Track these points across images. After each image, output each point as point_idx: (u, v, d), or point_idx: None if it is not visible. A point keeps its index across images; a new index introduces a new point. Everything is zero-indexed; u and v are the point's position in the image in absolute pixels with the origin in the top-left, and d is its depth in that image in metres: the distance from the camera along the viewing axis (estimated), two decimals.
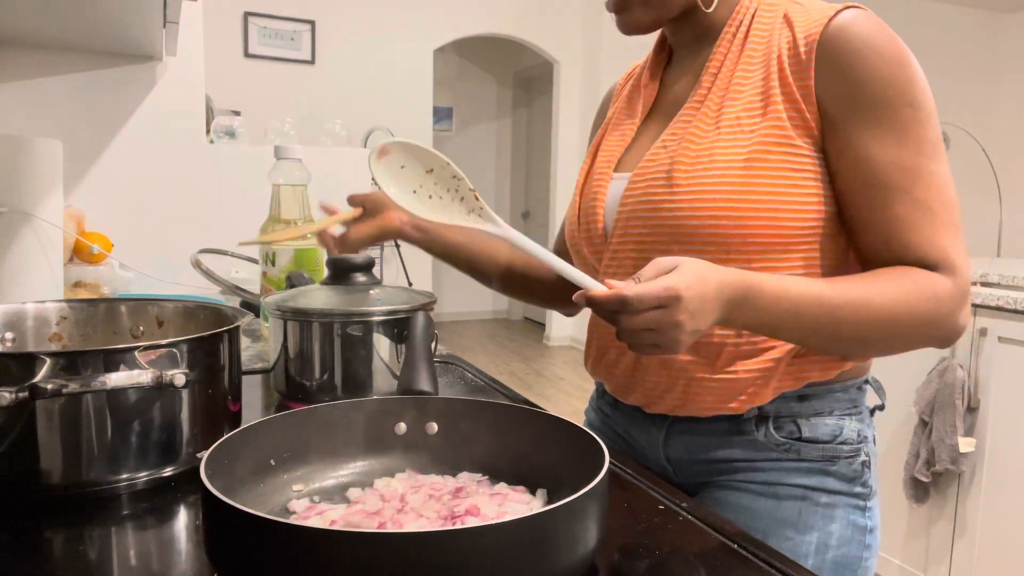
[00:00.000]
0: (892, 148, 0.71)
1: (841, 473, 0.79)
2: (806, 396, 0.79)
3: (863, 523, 0.80)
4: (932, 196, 0.71)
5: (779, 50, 0.75)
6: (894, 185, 0.71)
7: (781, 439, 0.79)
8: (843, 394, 0.80)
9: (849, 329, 0.70)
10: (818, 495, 0.78)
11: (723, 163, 0.74)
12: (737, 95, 0.77)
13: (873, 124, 0.71)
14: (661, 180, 0.78)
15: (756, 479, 0.80)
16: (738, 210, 0.72)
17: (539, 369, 5.25)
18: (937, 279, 0.70)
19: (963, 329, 0.73)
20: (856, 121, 0.71)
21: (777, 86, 0.74)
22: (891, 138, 0.71)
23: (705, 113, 0.78)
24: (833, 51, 0.71)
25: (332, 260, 0.91)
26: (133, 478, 0.64)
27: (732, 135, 0.75)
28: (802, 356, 0.77)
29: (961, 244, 0.72)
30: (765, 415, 0.79)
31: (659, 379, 0.81)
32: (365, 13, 5.10)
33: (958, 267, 0.71)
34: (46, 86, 1.65)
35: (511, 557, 0.44)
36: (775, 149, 0.73)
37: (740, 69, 0.78)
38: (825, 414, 0.79)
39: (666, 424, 0.84)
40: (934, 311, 0.70)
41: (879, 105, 0.70)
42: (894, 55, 0.71)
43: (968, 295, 0.72)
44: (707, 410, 0.79)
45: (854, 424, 0.80)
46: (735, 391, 0.77)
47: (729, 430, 0.80)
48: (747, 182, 0.72)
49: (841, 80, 0.71)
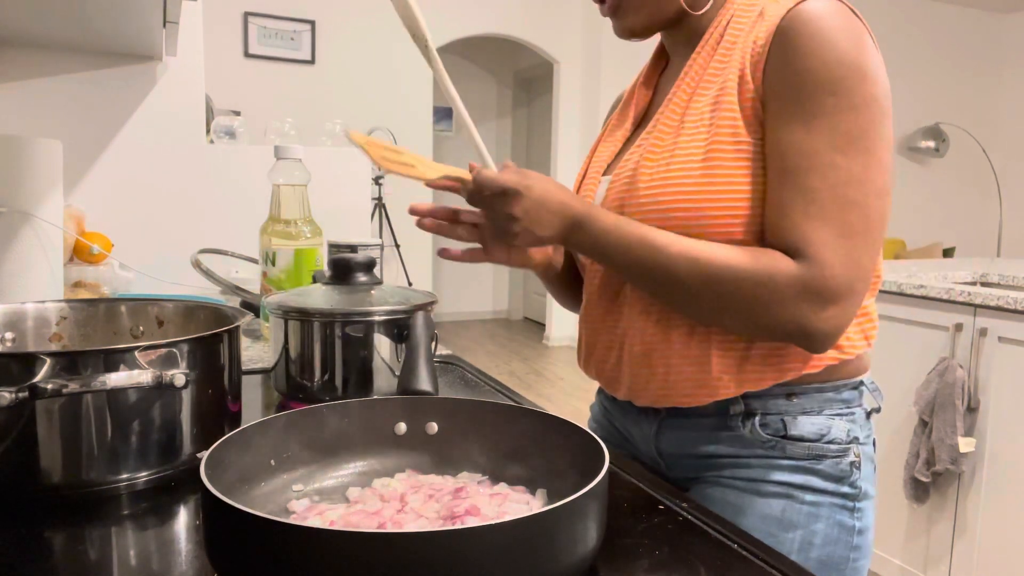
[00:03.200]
0: (799, 132, 0.69)
1: (827, 472, 0.78)
2: (795, 394, 0.78)
3: (851, 524, 0.79)
4: (823, 188, 0.68)
5: (743, 48, 0.75)
6: (790, 168, 0.70)
7: (766, 436, 0.78)
8: (834, 394, 0.79)
9: (675, 277, 0.72)
10: (803, 493, 0.78)
11: (682, 160, 0.75)
12: (704, 93, 0.77)
13: (791, 108, 0.70)
14: (627, 180, 0.80)
15: (741, 475, 0.80)
16: (696, 204, 0.73)
17: (539, 369, 5.25)
18: (781, 262, 0.69)
19: (820, 328, 0.69)
20: (779, 105, 0.71)
21: (735, 80, 0.74)
22: (801, 123, 0.69)
23: (672, 112, 0.79)
24: (782, 38, 0.71)
25: (333, 260, 0.91)
26: (133, 478, 0.65)
27: (694, 132, 0.75)
28: (782, 347, 0.76)
29: (838, 242, 0.68)
30: (752, 411, 0.79)
31: (640, 370, 0.82)
32: (365, 13, 5.10)
33: (821, 259, 0.68)
34: (46, 86, 1.65)
35: (511, 557, 0.44)
36: (730, 142, 0.73)
37: (711, 68, 0.78)
38: (813, 412, 0.79)
39: (658, 418, 0.85)
40: (764, 291, 0.69)
41: (801, 90, 0.69)
42: (837, 42, 0.69)
43: (831, 293, 0.68)
44: (687, 398, 0.79)
45: (844, 424, 0.79)
46: (712, 379, 0.77)
47: (716, 425, 0.81)
48: (706, 176, 0.73)
49: (783, 65, 0.70)
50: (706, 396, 0.78)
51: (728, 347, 0.77)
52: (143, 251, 1.66)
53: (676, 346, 0.79)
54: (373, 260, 0.91)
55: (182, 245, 1.63)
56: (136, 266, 1.54)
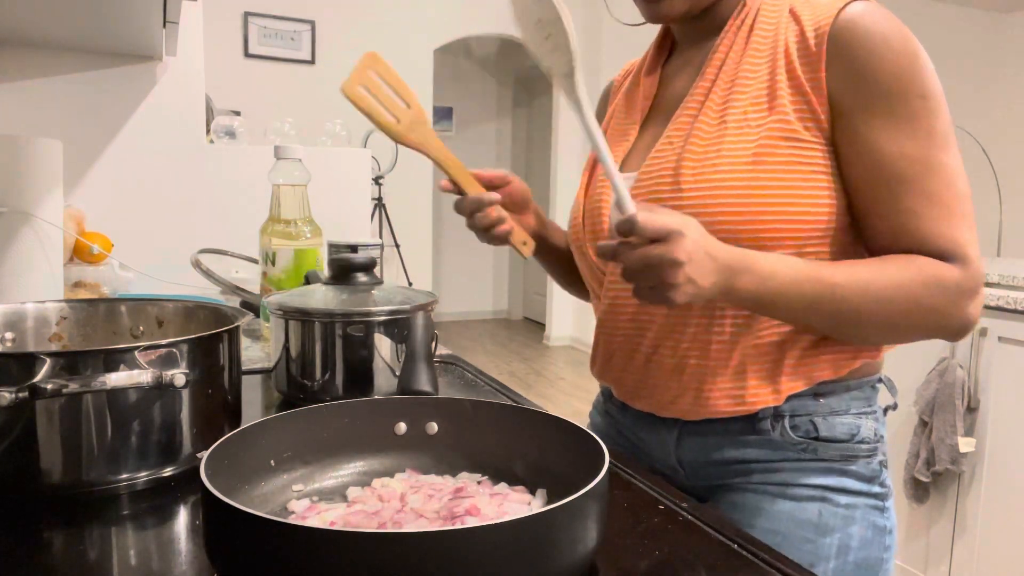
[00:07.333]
0: (902, 139, 0.70)
1: (860, 473, 0.78)
2: (821, 394, 0.78)
3: (882, 523, 0.78)
4: (942, 187, 0.70)
5: (786, 44, 0.75)
6: (904, 177, 0.70)
7: (798, 438, 0.77)
8: (858, 391, 0.79)
9: (850, 309, 0.69)
10: (837, 496, 0.77)
11: (730, 159, 0.73)
12: (743, 90, 0.76)
13: (884, 115, 0.70)
14: (667, 178, 0.77)
15: (773, 480, 0.78)
16: (747, 206, 0.72)
17: (539, 369, 5.25)
18: (944, 267, 0.69)
19: (974, 321, 0.72)
20: (867, 113, 0.70)
21: (784, 80, 0.73)
22: (901, 129, 0.70)
23: (711, 108, 0.77)
24: (844, 43, 0.71)
25: (333, 260, 0.91)
26: (133, 478, 0.64)
27: (739, 130, 0.74)
28: (812, 355, 0.76)
29: (973, 235, 0.71)
30: (780, 414, 0.78)
31: (669, 384, 0.80)
32: (365, 13, 5.10)
33: (969, 257, 0.70)
34: (46, 86, 1.65)
35: (511, 557, 0.44)
36: (782, 144, 0.72)
37: (745, 63, 0.77)
38: (841, 413, 0.78)
39: (678, 427, 0.83)
40: (938, 299, 0.69)
41: (890, 96, 0.70)
42: (904, 46, 0.70)
43: (980, 287, 0.71)
44: (719, 413, 0.78)
45: (871, 423, 0.79)
46: (745, 392, 0.76)
47: (743, 430, 0.79)
48: (755, 177, 0.72)
49: (853, 72, 0.70)
50: (742, 409, 0.77)
51: (761, 359, 0.76)
52: (143, 251, 1.66)
53: (712, 362, 0.77)
54: (373, 260, 0.91)
55: (182, 245, 1.63)
56: (136, 266, 1.54)
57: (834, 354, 0.77)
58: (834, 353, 0.77)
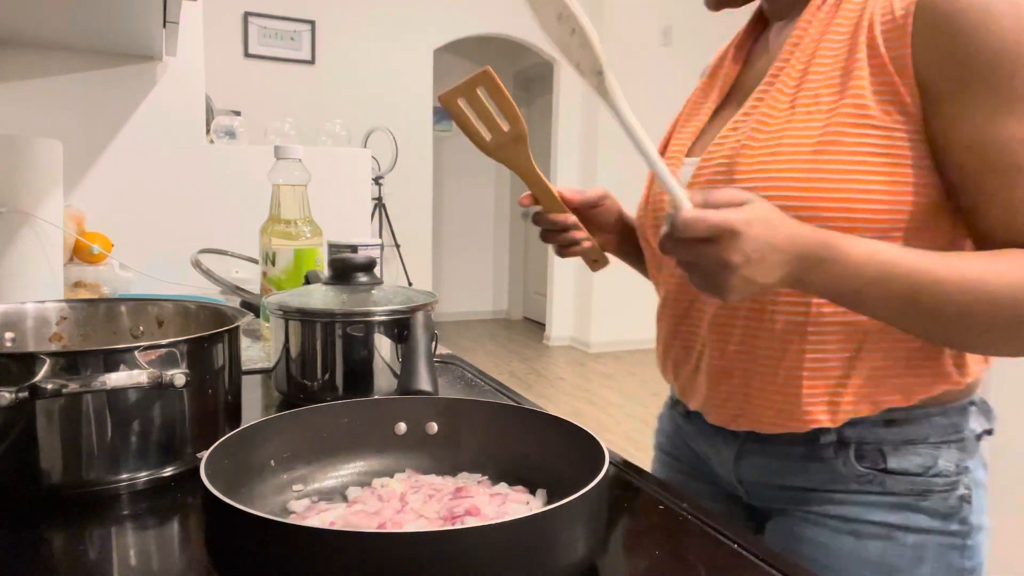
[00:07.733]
0: (1011, 123, 0.61)
1: (933, 509, 0.70)
2: (893, 421, 0.69)
3: (959, 564, 0.71)
4: None
5: (871, 17, 0.66)
6: (1016, 164, 0.61)
7: (863, 469, 0.70)
8: (943, 419, 0.70)
9: (954, 311, 0.59)
10: (904, 535, 0.69)
11: (790, 149, 0.66)
12: (819, 70, 0.68)
13: (985, 97, 0.61)
14: (723, 168, 0.71)
15: (834, 512, 0.72)
16: (806, 200, 0.65)
17: (539, 369, 5.25)
18: None
19: None
20: (965, 94, 0.62)
21: (864, 57, 0.65)
22: (1008, 112, 0.61)
23: (780, 90, 0.70)
24: (935, 14, 0.62)
25: (333, 260, 0.91)
26: (133, 478, 0.64)
27: (807, 115, 0.67)
28: (880, 377, 0.69)
29: None
30: (846, 441, 0.70)
31: (719, 385, 0.76)
32: (365, 13, 5.10)
33: None
34: (46, 86, 1.65)
35: (511, 557, 0.44)
36: (852, 131, 0.64)
37: (825, 40, 0.69)
38: (918, 442, 0.69)
39: (737, 442, 0.78)
40: None
41: (991, 75, 0.60)
42: (1007, 16, 0.60)
43: None
44: (768, 425, 0.73)
45: (953, 453, 0.70)
46: (797, 408, 0.70)
47: (805, 455, 0.73)
48: (816, 169, 0.65)
49: (944, 47, 0.61)
50: (791, 425, 0.71)
51: (820, 374, 0.69)
52: (143, 251, 1.66)
53: (761, 368, 0.72)
54: (373, 260, 0.91)
55: (182, 245, 1.63)
56: (136, 266, 1.54)
57: (908, 379, 0.69)
58: (908, 378, 0.69)
